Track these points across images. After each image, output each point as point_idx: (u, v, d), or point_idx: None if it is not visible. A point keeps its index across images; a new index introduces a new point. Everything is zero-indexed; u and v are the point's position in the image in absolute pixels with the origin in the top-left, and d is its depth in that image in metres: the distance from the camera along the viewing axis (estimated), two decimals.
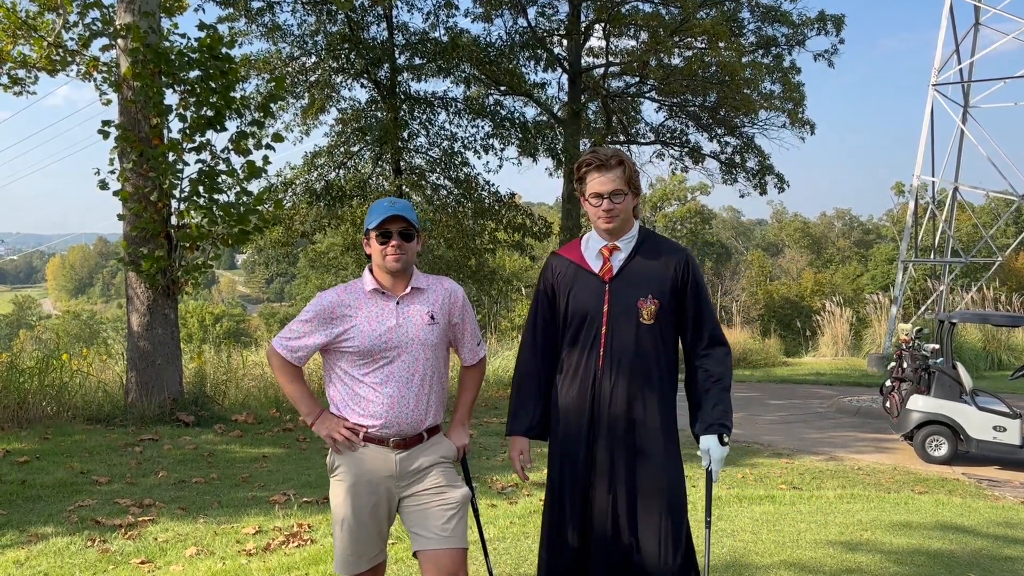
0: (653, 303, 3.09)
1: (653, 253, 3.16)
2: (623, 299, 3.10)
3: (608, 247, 3.16)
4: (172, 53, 9.56)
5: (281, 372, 3.13)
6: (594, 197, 3.09)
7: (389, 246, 3.00)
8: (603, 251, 3.17)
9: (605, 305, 3.12)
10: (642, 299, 3.09)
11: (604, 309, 3.11)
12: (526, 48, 17.90)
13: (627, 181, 3.09)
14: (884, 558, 5.03)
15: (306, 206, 17.18)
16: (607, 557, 3.07)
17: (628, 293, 3.11)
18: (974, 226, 38.59)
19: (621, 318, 3.10)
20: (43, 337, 38.33)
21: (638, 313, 3.09)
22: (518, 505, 6.34)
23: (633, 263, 3.15)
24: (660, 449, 3.09)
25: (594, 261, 3.19)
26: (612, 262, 3.16)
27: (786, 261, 62.49)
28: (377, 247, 3.02)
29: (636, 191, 3.14)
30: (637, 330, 3.09)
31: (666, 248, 3.21)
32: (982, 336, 19.03)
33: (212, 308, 60.72)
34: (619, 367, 3.08)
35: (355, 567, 3.09)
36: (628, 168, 3.10)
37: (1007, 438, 8.63)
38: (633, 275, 3.13)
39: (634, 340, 3.09)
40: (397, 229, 3.00)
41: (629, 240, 3.17)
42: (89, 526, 5.56)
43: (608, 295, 3.12)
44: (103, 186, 9.67)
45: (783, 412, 12.47)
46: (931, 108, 19.76)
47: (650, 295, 3.09)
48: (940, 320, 9.75)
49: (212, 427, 9.41)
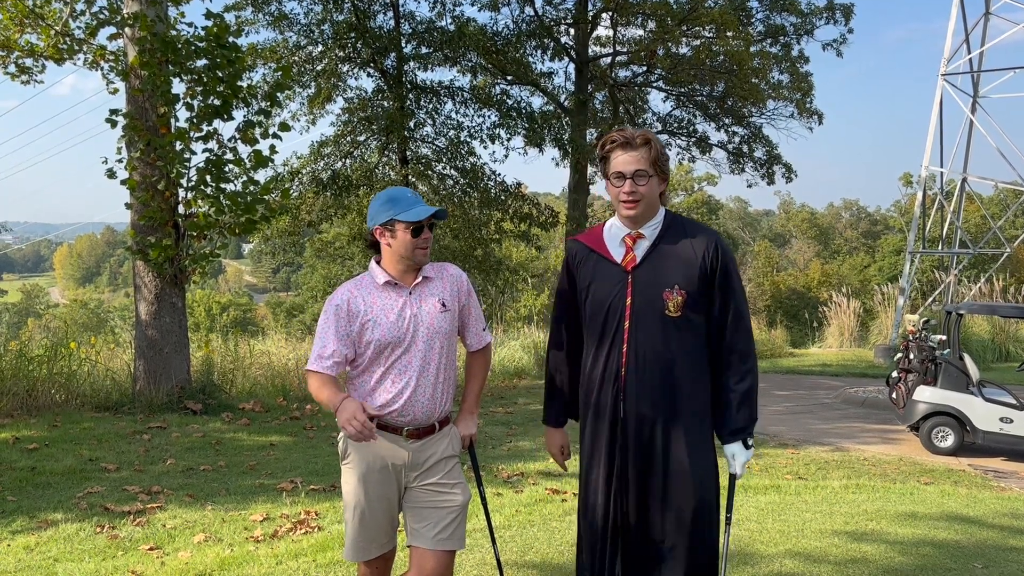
0: (680, 294, 2.87)
1: (680, 239, 2.93)
2: (647, 291, 2.89)
3: (632, 235, 2.95)
4: (179, 42, 9.56)
5: (319, 389, 2.98)
6: (616, 177, 2.89)
7: (421, 239, 3.00)
8: (626, 239, 2.96)
9: (628, 298, 2.91)
10: (668, 290, 2.87)
11: (627, 302, 2.91)
12: (533, 37, 17.85)
13: (652, 162, 2.88)
14: (889, 548, 5.04)
15: (313, 195, 17.19)
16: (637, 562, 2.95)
17: (653, 284, 2.89)
18: (983, 217, 38.40)
19: (645, 311, 2.89)
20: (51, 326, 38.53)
21: (663, 305, 2.87)
22: (524, 494, 6.36)
23: (658, 251, 2.93)
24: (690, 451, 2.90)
25: (616, 250, 2.98)
26: (636, 251, 2.94)
27: (793, 252, 62.33)
28: (407, 240, 2.99)
29: (663, 175, 2.92)
30: (663, 324, 2.87)
31: (694, 232, 2.96)
32: (990, 327, 18.97)
33: (219, 297, 60.91)
34: (644, 364, 2.88)
35: (365, 554, 3.11)
36: (655, 149, 2.89)
37: (1014, 429, 8.62)
38: (658, 264, 2.91)
39: (660, 334, 2.87)
40: (428, 223, 3.02)
41: (654, 227, 2.95)
42: (98, 513, 5.61)
43: (631, 287, 2.91)
44: (111, 175, 9.70)
45: (789, 403, 12.46)
46: (940, 98, 19.64)
47: (676, 285, 2.87)
48: (947, 311, 9.72)
49: (220, 415, 9.46)
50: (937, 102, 19.66)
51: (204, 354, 11.09)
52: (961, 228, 21.64)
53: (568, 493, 6.33)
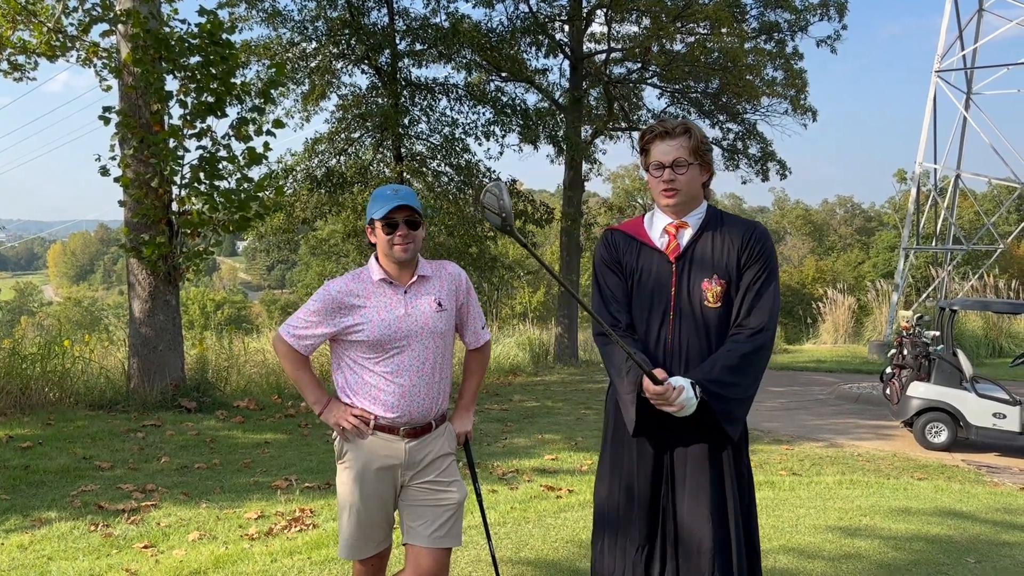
0: (718, 284, 2.81)
1: (723, 230, 2.87)
2: (689, 280, 2.84)
3: (675, 224, 2.89)
4: (172, 39, 9.54)
5: (287, 360, 3.10)
6: (656, 168, 2.83)
7: (396, 235, 2.94)
8: (668, 229, 2.90)
9: (672, 288, 2.85)
10: (707, 280, 2.82)
11: (671, 292, 2.85)
12: (527, 34, 17.81)
13: (693, 151, 2.81)
14: (883, 543, 5.06)
15: (307, 193, 17.15)
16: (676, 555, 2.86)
17: (694, 274, 2.84)
18: (976, 213, 38.52)
19: (687, 301, 2.83)
20: (45, 324, 38.39)
21: (703, 296, 2.82)
22: (519, 491, 6.37)
23: (700, 241, 2.86)
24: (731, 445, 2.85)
25: (659, 239, 2.90)
26: (679, 240, 2.88)
27: (788, 248, 62.46)
28: (383, 237, 2.96)
29: (705, 164, 2.86)
30: (704, 314, 2.82)
31: (735, 224, 2.90)
32: (983, 323, 19.05)
33: (213, 295, 60.82)
34: (687, 355, 2.82)
35: (360, 552, 3.11)
36: (695, 138, 2.82)
37: (1007, 425, 8.65)
38: (700, 254, 2.85)
39: (702, 325, 2.82)
40: (403, 218, 2.95)
41: (697, 217, 2.89)
42: (92, 511, 5.60)
43: (675, 276, 2.85)
44: (104, 172, 9.67)
45: (784, 399, 12.49)
46: (934, 95, 19.69)
47: (715, 275, 2.82)
48: (941, 307, 9.75)
49: (214, 413, 9.44)
50: (931, 99, 19.70)
51: (198, 352, 11.07)
52: (955, 224, 21.71)
53: (563, 490, 6.34)
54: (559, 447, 8.39)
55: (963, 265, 28.88)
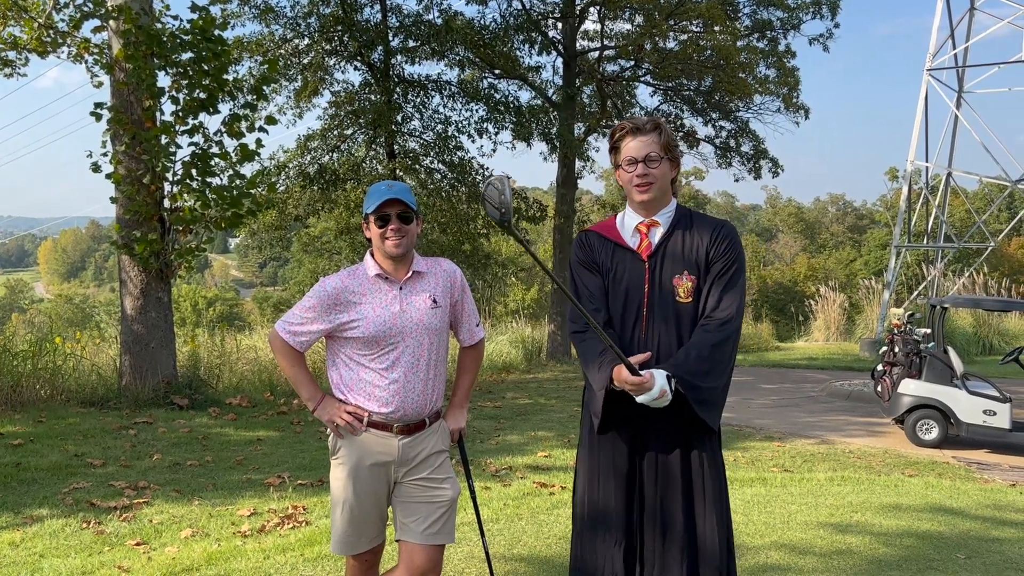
0: (689, 280, 2.90)
1: (691, 227, 2.96)
2: (661, 277, 2.92)
3: (646, 223, 2.97)
4: (164, 35, 9.50)
5: (282, 356, 3.10)
6: (628, 163, 2.90)
7: (388, 230, 2.95)
8: (640, 227, 2.97)
9: (646, 285, 2.93)
10: (678, 276, 2.90)
11: (645, 290, 2.93)
12: (521, 31, 17.78)
13: (664, 147, 2.89)
14: (874, 539, 5.09)
15: (299, 189, 17.11)
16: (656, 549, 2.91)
17: (666, 270, 2.92)
18: (967, 211, 38.71)
19: (660, 297, 2.91)
20: (36, 321, 38.25)
21: (675, 291, 2.90)
22: (512, 487, 6.38)
23: (672, 239, 2.95)
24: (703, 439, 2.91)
25: (631, 239, 2.98)
26: (651, 238, 2.96)
27: (780, 246, 62.62)
28: (376, 231, 2.97)
29: (674, 161, 2.95)
30: (676, 309, 2.90)
31: (704, 222, 2.99)
32: (974, 321, 19.13)
33: (205, 292, 60.65)
34: (660, 349, 2.89)
35: (353, 548, 3.11)
36: (665, 134, 2.91)
37: (997, 422, 8.70)
38: (671, 251, 2.94)
39: (674, 320, 2.90)
40: (395, 212, 2.96)
41: (667, 214, 2.97)
42: (84, 508, 5.58)
43: (648, 273, 2.93)
44: (96, 169, 9.64)
45: (775, 396, 12.54)
46: (925, 93, 19.76)
47: (686, 272, 2.90)
48: (932, 305, 9.80)
49: (206, 410, 9.43)
50: (922, 97, 19.77)
51: (190, 349, 11.05)
52: (946, 222, 21.80)
53: (556, 487, 6.35)
54: (552, 444, 8.40)
55: (954, 263, 29.00)
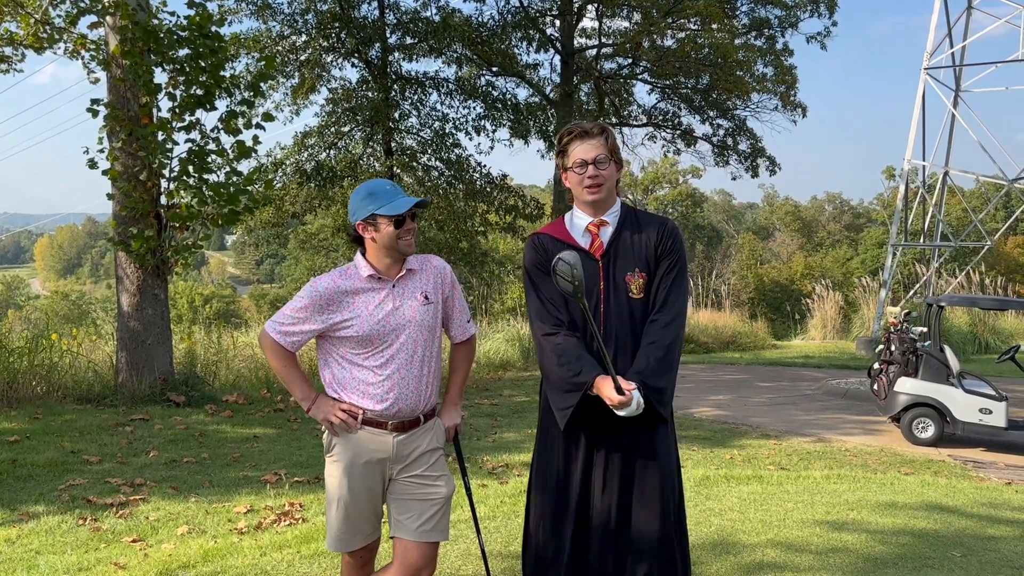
0: (640, 276, 3.04)
1: (638, 226, 3.11)
2: (615, 275, 3.05)
3: (595, 223, 3.10)
4: (161, 31, 9.47)
5: (274, 356, 3.09)
6: (578, 165, 3.03)
7: (404, 230, 2.97)
8: (590, 227, 3.10)
9: (601, 282, 3.05)
10: (630, 273, 3.04)
11: (600, 287, 3.05)
12: (518, 28, 17.80)
13: (611, 150, 3.04)
14: (869, 537, 5.09)
15: (296, 187, 17.11)
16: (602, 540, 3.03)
17: (618, 268, 3.06)
18: (964, 210, 38.76)
19: (614, 294, 3.04)
20: (32, 317, 38.15)
21: (628, 288, 3.04)
22: (508, 485, 6.38)
23: (621, 237, 3.09)
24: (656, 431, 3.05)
25: (582, 239, 3.11)
26: (601, 237, 3.09)
27: (777, 244, 62.65)
28: (390, 232, 2.96)
29: (619, 163, 3.09)
30: (629, 305, 3.04)
31: (649, 220, 3.15)
32: (970, 319, 19.17)
33: (202, 289, 60.56)
34: (616, 344, 3.03)
35: (348, 545, 3.12)
36: (611, 137, 3.06)
37: (993, 420, 8.71)
38: (621, 249, 3.07)
39: (628, 316, 3.04)
40: (410, 213, 3.00)
41: (614, 214, 3.12)
42: (80, 505, 5.58)
43: (602, 271, 3.06)
44: (92, 165, 9.61)
45: (772, 394, 12.55)
46: (923, 92, 19.78)
47: (637, 268, 3.04)
48: (928, 303, 9.81)
49: (203, 407, 9.42)
50: (920, 96, 19.79)
51: (187, 346, 11.04)
52: (943, 221, 21.84)
53: None
54: None
55: (951, 262, 29.07)
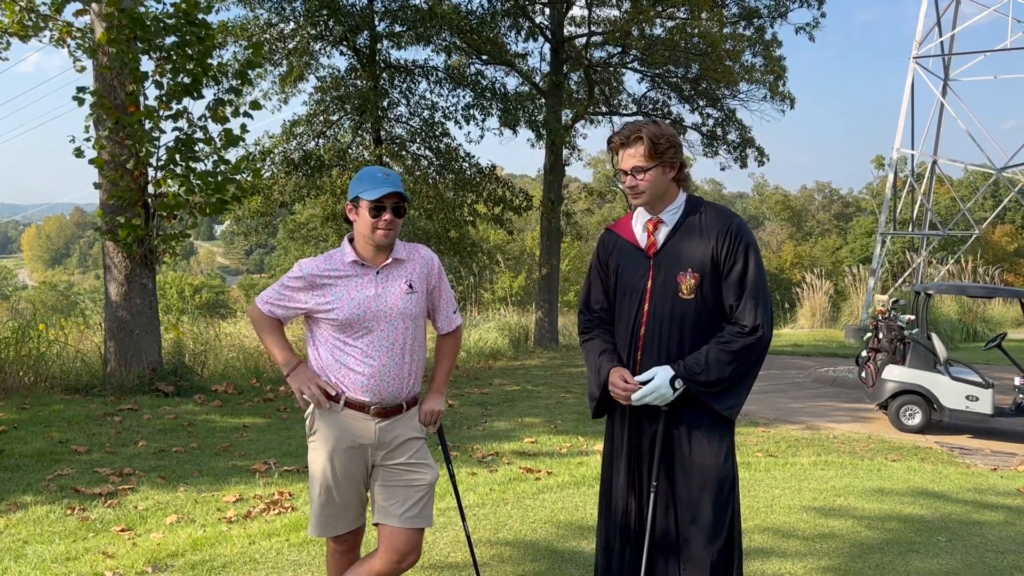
0: (692, 277, 2.96)
1: (699, 223, 3.02)
2: (665, 274, 3.00)
3: (652, 220, 3.07)
4: (148, 18, 9.39)
5: (260, 325, 3.17)
6: (622, 174, 3.02)
7: (381, 220, 2.98)
8: (648, 225, 3.08)
9: (649, 281, 3.03)
10: (682, 273, 2.97)
11: (648, 285, 3.02)
12: (508, 16, 17.71)
13: (647, 155, 2.94)
14: (857, 523, 5.13)
15: (285, 176, 17.00)
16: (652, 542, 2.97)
17: (670, 267, 3.00)
18: (952, 199, 38.92)
19: (662, 294, 3.00)
20: (19, 307, 37.87)
21: (677, 288, 2.98)
22: (498, 473, 6.39)
23: (677, 236, 3.03)
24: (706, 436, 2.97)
25: (641, 236, 3.10)
26: (656, 236, 3.06)
27: (767, 234, 62.84)
28: (368, 219, 2.98)
29: (667, 162, 2.98)
30: (677, 306, 2.98)
31: (713, 216, 3.03)
32: (958, 308, 19.29)
33: (191, 279, 60.22)
34: (659, 345, 2.99)
35: (331, 530, 3.13)
36: (646, 143, 2.95)
37: (979, 407, 8.78)
38: (676, 248, 3.02)
39: (676, 317, 2.98)
40: (391, 204, 2.99)
41: (674, 212, 3.05)
42: (69, 495, 5.56)
43: (652, 270, 3.03)
44: (78, 154, 9.54)
45: (761, 382, 12.58)
46: (911, 81, 19.80)
47: (690, 268, 2.97)
48: (916, 292, 9.86)
49: (192, 397, 9.39)
50: (908, 85, 19.81)
51: (175, 336, 10.99)
52: (931, 210, 21.91)
53: (542, 472, 6.37)
54: (539, 430, 8.43)
55: (939, 250, 29.20)
